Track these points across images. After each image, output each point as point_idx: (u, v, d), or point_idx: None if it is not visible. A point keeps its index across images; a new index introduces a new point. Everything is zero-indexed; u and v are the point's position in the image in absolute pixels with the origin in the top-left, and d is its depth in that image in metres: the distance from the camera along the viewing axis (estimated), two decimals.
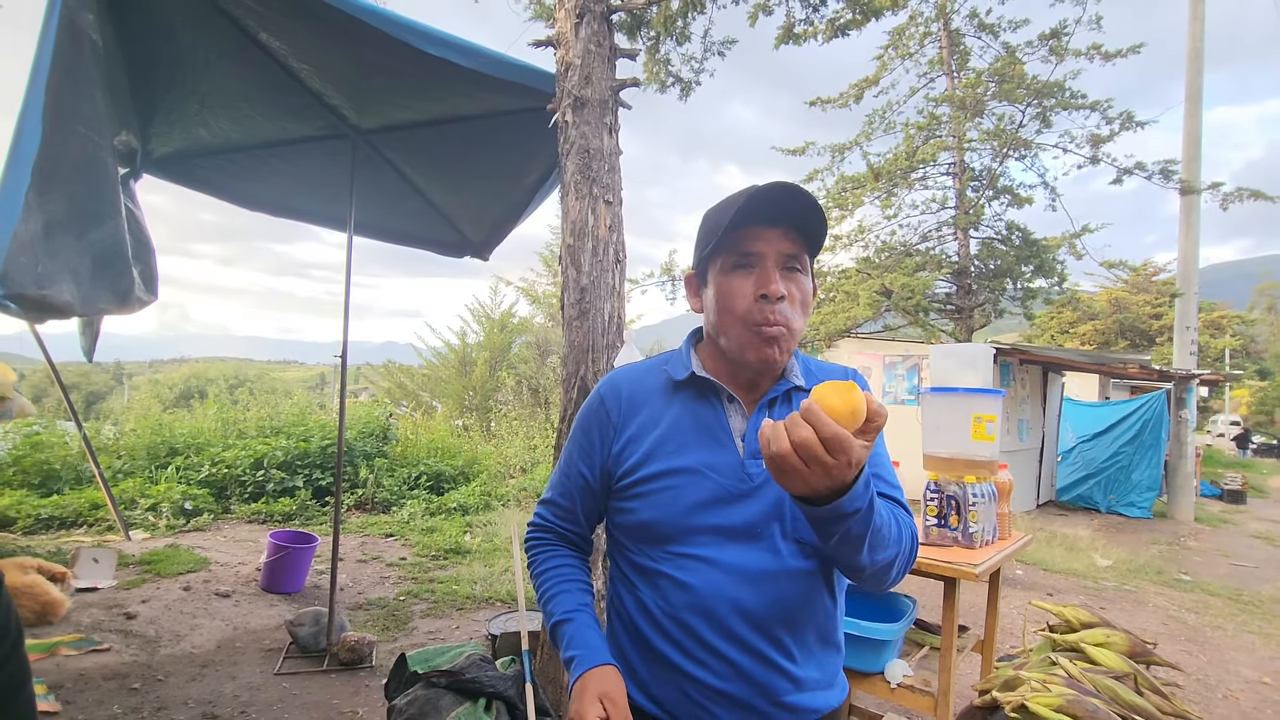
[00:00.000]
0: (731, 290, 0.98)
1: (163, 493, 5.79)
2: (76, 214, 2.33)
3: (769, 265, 0.97)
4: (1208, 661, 4.28)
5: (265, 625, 3.58)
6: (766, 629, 0.96)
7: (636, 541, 1.02)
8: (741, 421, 1.03)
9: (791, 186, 0.96)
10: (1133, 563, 6.96)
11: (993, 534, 2.34)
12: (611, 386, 1.10)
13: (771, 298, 0.95)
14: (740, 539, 0.96)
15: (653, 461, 1.00)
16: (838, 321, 9.15)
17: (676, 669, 0.97)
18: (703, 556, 0.96)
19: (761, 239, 0.97)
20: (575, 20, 2.69)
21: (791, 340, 0.99)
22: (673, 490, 0.98)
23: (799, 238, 0.98)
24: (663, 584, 0.98)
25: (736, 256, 0.98)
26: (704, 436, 1.01)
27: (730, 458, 0.99)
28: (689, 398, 1.04)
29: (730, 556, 0.96)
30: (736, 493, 0.97)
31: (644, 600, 1.00)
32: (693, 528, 0.97)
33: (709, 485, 0.97)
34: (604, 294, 2.56)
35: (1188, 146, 10.91)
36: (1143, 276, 27.64)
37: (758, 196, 0.95)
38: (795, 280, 0.99)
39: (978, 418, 2.32)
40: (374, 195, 3.82)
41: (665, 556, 0.98)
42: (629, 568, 1.04)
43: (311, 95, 3.10)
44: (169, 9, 2.48)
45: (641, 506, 1.00)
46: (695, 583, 0.96)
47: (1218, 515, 11.03)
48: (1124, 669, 2.19)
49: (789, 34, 6.08)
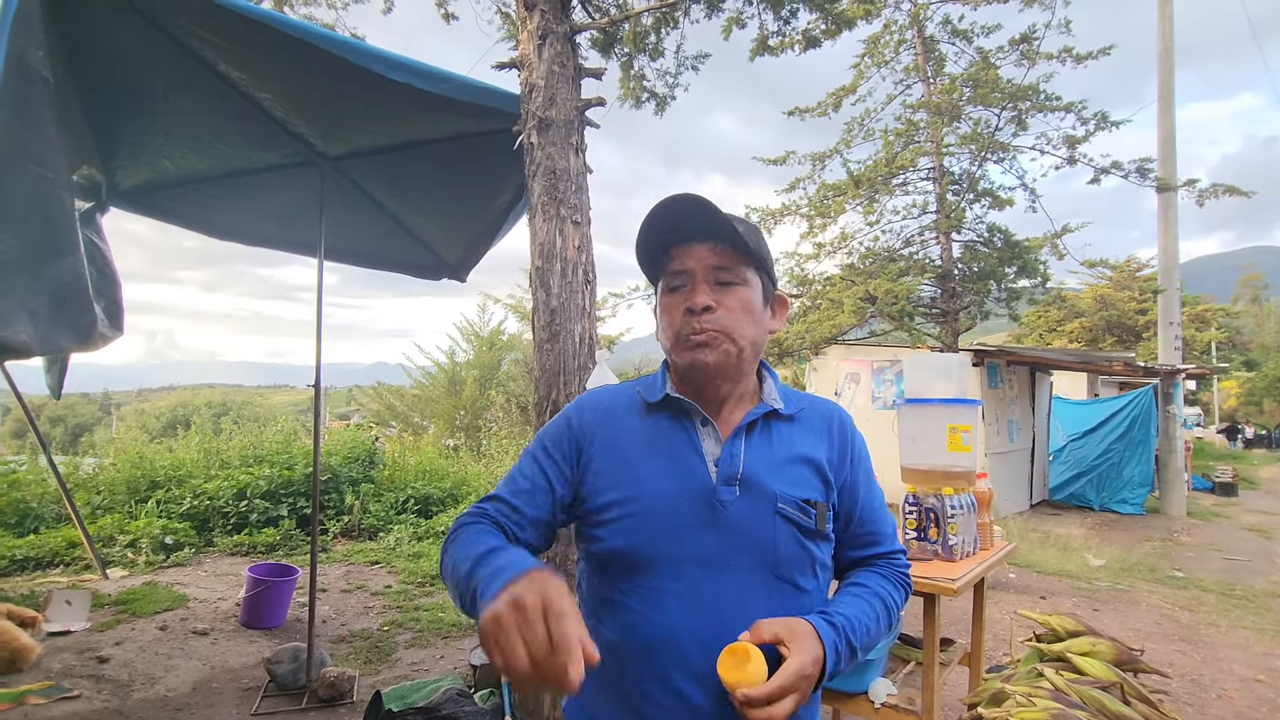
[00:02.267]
0: (667, 310, 1.01)
1: (142, 528, 5.68)
2: (30, 252, 2.29)
3: (697, 280, 0.97)
4: (1201, 660, 4.25)
5: (244, 663, 3.50)
6: None
7: (605, 572, 0.97)
8: (715, 445, 0.99)
9: (693, 199, 0.96)
10: (1126, 561, 6.96)
11: (973, 545, 2.31)
12: (580, 409, 1.07)
13: (695, 309, 0.96)
14: (711, 568, 0.92)
15: (620, 487, 0.97)
16: (823, 329, 9.17)
17: (635, 709, 0.92)
18: (670, 589, 0.92)
19: (689, 257, 0.98)
20: (538, 41, 2.68)
21: (730, 344, 0.96)
22: (641, 517, 0.94)
23: (728, 249, 0.98)
24: (629, 618, 0.93)
25: (669, 278, 1.01)
26: (676, 461, 0.97)
27: (702, 483, 0.95)
28: (662, 420, 1.02)
29: (699, 589, 0.92)
30: (708, 520, 0.94)
31: (606, 634, 0.95)
32: (662, 557, 0.93)
33: (678, 511, 0.94)
34: (574, 315, 2.53)
35: (1162, 144, 11.05)
36: (1126, 273, 27.95)
37: (667, 214, 0.97)
38: (731, 292, 0.98)
39: (953, 428, 2.30)
40: (345, 221, 3.79)
41: (633, 589, 0.94)
42: (595, 601, 1.00)
43: (276, 124, 3.08)
44: (120, 43, 2.45)
45: (610, 534, 0.95)
46: (662, 617, 0.91)
47: (1210, 509, 11.07)
48: (1110, 678, 2.16)
49: (763, 46, 6.11)
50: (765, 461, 0.98)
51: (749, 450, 0.99)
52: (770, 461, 0.99)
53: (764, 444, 1.00)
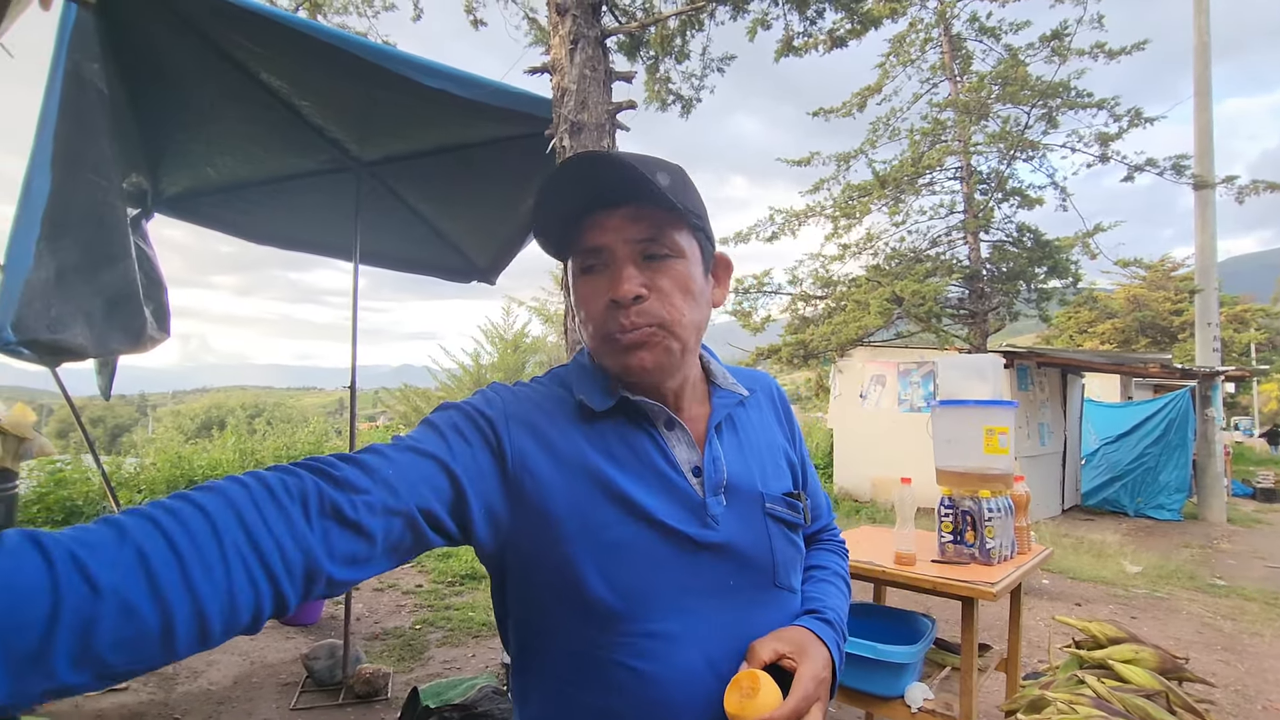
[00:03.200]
0: (584, 297, 0.78)
1: None
2: (88, 258, 2.38)
3: (619, 260, 0.75)
4: (1245, 671, 4.14)
5: (282, 659, 3.58)
6: None
7: (584, 626, 0.74)
8: (688, 450, 0.81)
9: (605, 156, 0.74)
10: (1163, 568, 6.78)
11: (1011, 549, 2.28)
12: (506, 399, 0.81)
13: (623, 300, 0.73)
14: (711, 599, 0.76)
15: (587, 517, 0.74)
16: (849, 331, 9.09)
17: None
18: (668, 633, 0.74)
19: (603, 229, 0.75)
20: (570, 46, 2.71)
21: (670, 339, 0.76)
22: (619, 551, 0.74)
23: (652, 212, 0.75)
24: (621, 680, 0.73)
25: (582, 256, 0.78)
26: (649, 474, 0.78)
27: (687, 498, 0.78)
28: (618, 427, 0.80)
29: (702, 626, 0.75)
30: (701, 541, 0.77)
31: (593, 704, 0.74)
32: (654, 595, 0.74)
33: (667, 536, 0.76)
34: None
35: (1199, 140, 10.78)
36: (1160, 273, 27.26)
37: (576, 175, 0.73)
38: (663, 269, 0.76)
39: (990, 430, 2.27)
40: (379, 225, 3.86)
41: (619, 640, 0.73)
42: (564, 663, 0.76)
43: (314, 130, 3.15)
44: (173, 54, 2.53)
45: (590, 578, 0.73)
46: (664, 672, 0.73)
47: (1251, 515, 10.75)
48: (1155, 686, 2.12)
49: (788, 47, 6.10)
50: (742, 461, 0.84)
51: (727, 450, 0.84)
52: (746, 460, 0.85)
53: (735, 441, 0.85)
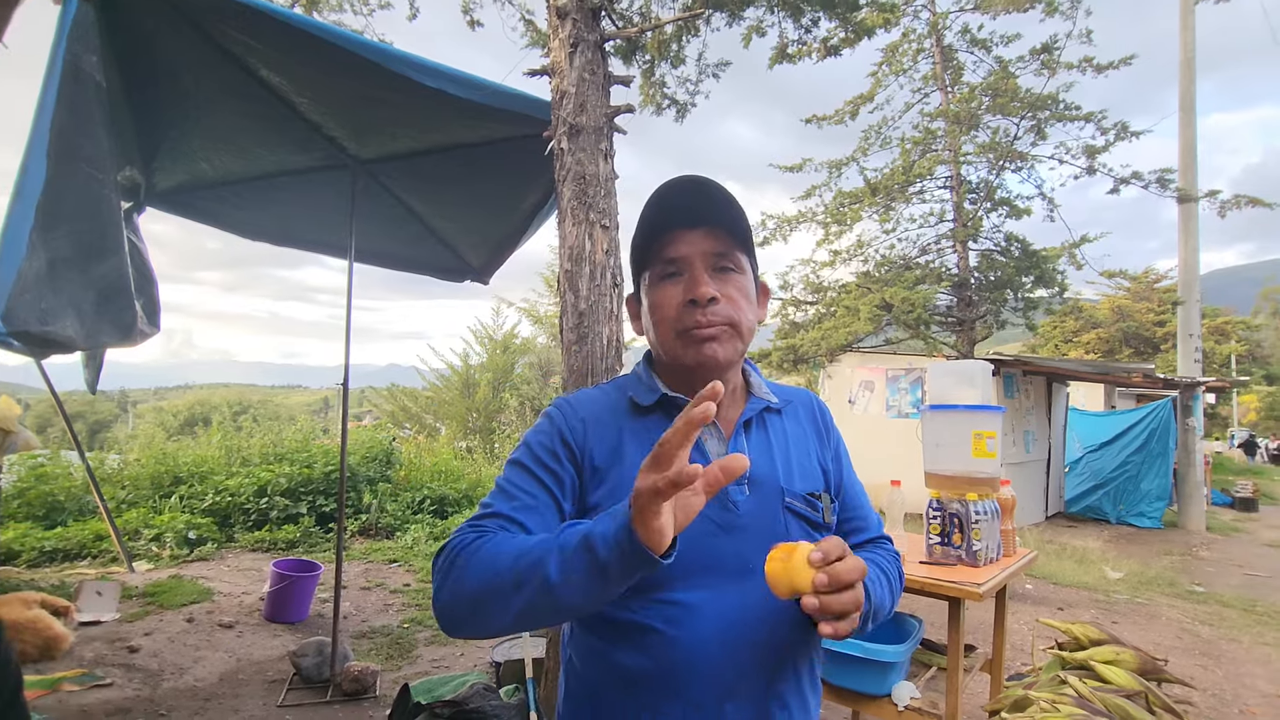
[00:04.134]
0: (662, 301, 0.92)
1: (166, 523, 5.78)
2: (80, 250, 2.36)
3: (696, 268, 0.91)
4: (1223, 676, 4.22)
5: (269, 656, 3.56)
6: (765, 677, 0.88)
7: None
8: (719, 445, 0.95)
9: (698, 181, 0.91)
10: (1144, 574, 6.89)
11: (997, 551, 2.32)
12: (566, 412, 0.96)
13: (700, 301, 0.89)
14: (732, 576, 0.87)
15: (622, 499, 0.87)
16: (839, 336, 9.16)
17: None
18: (691, 603, 0.86)
19: (683, 242, 0.91)
20: (569, 50, 2.73)
21: (737, 338, 0.92)
22: None
23: (725, 234, 0.92)
24: (649, 641, 0.85)
25: (662, 266, 0.93)
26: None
27: None
28: (658, 423, 0.95)
29: (721, 600, 0.86)
30: (723, 524, 0.89)
31: (623, 663, 0.87)
32: (680, 568, 0.82)
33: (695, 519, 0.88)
34: (602, 318, 2.58)
35: (1183, 154, 10.97)
36: (1144, 284, 27.66)
37: (668, 198, 0.91)
38: (730, 280, 0.92)
39: (978, 434, 2.31)
40: (374, 223, 3.86)
41: (648, 606, 0.86)
42: (603, 625, 0.90)
43: (311, 127, 3.15)
44: (172, 49, 2.53)
45: None
46: (688, 636, 0.85)
47: (1230, 523, 10.93)
48: (1135, 687, 2.16)
49: (782, 54, 6.16)
50: (768, 457, 0.96)
51: (752, 447, 0.96)
52: (772, 456, 0.97)
53: (763, 439, 0.98)
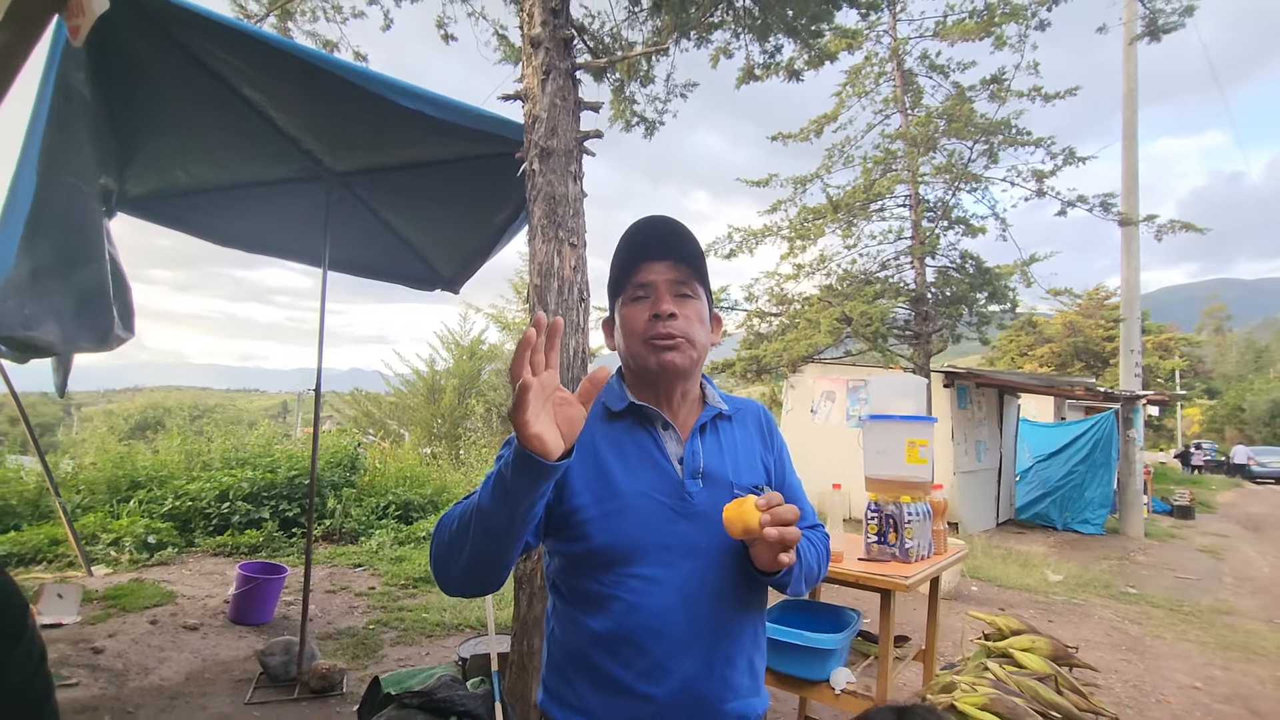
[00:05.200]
0: (632, 317, 1.11)
1: (125, 527, 5.72)
2: (62, 258, 2.44)
3: (661, 291, 1.09)
4: (1145, 669, 4.53)
5: (234, 656, 3.61)
6: (714, 641, 1.03)
7: (589, 569, 1.05)
8: (677, 445, 1.12)
9: (665, 223, 1.12)
10: (1083, 577, 7.27)
11: (928, 549, 2.54)
12: None
13: (663, 315, 1.07)
14: (687, 557, 1.04)
15: (599, 488, 1.06)
16: (800, 348, 9.45)
17: (631, 692, 1.01)
18: (652, 577, 1.02)
19: (650, 271, 1.10)
20: (542, 77, 2.90)
21: (692, 349, 1.10)
22: (622, 514, 1.04)
23: (684, 267, 1.11)
24: (616, 608, 1.02)
25: (633, 290, 1.12)
26: (645, 461, 1.09)
27: (670, 479, 1.08)
28: (627, 426, 1.12)
29: (677, 575, 1.03)
30: (680, 511, 1.06)
31: (595, 628, 1.04)
32: (641, 549, 1.03)
33: (654, 506, 1.05)
34: (569, 330, 2.74)
35: (1126, 180, 11.61)
36: (1095, 301, 28.89)
37: (639, 236, 1.12)
38: (687, 304, 1.10)
39: (911, 442, 2.53)
40: (348, 233, 3.95)
41: (616, 580, 1.03)
42: (577, 596, 1.07)
43: (288, 141, 3.25)
44: (156, 65, 2.62)
45: (593, 532, 1.04)
46: (649, 603, 1.01)
47: (1167, 530, 11.49)
48: (1046, 670, 2.39)
49: (749, 75, 6.41)
50: (718, 456, 1.13)
51: (706, 448, 1.13)
52: (722, 455, 1.14)
53: (714, 441, 1.15)
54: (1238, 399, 44.37)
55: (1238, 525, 13.18)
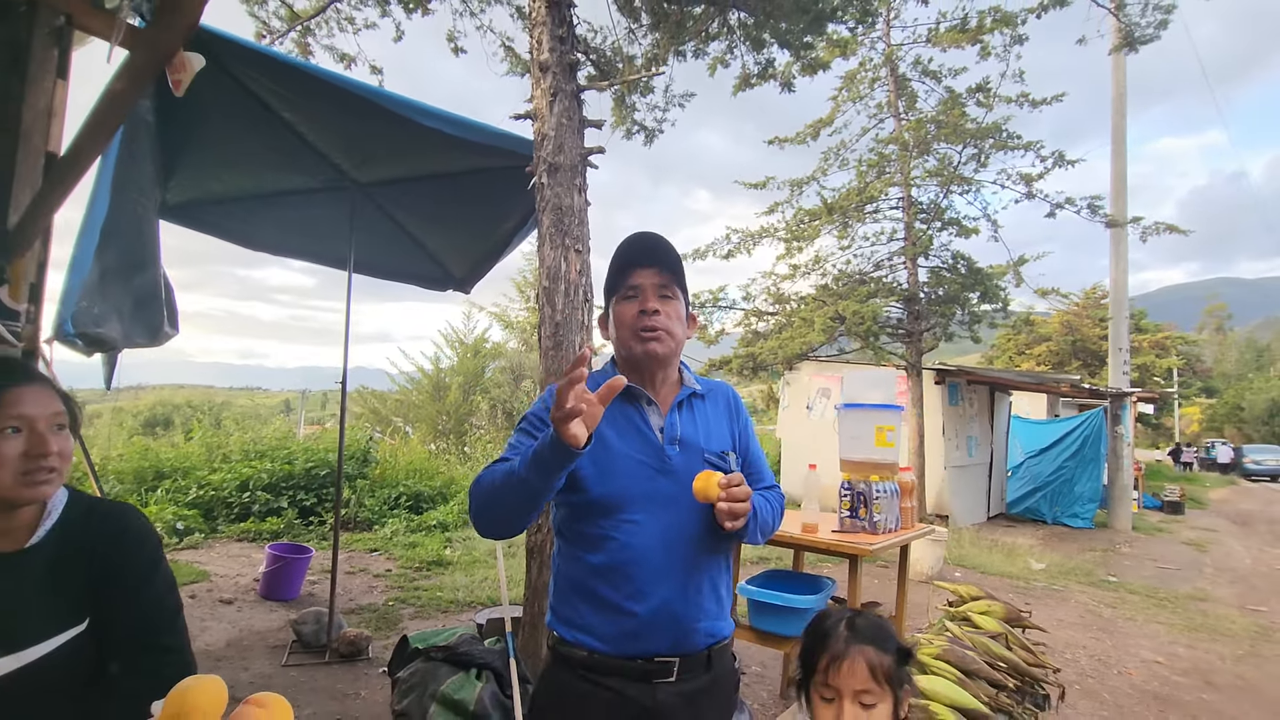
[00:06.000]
0: (624, 313, 1.37)
1: (155, 514, 6.05)
2: (125, 263, 2.76)
3: (647, 292, 1.35)
4: (1112, 646, 4.83)
5: (268, 627, 3.93)
6: (686, 573, 1.29)
7: (589, 514, 1.30)
8: (659, 418, 1.38)
9: (652, 237, 1.40)
10: (1064, 566, 7.56)
11: (895, 523, 2.85)
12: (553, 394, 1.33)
13: (649, 311, 1.33)
14: (666, 507, 1.30)
15: (598, 451, 1.28)
16: (794, 346, 9.74)
17: (620, 610, 1.26)
18: (639, 521, 1.29)
19: (639, 275, 1.36)
20: (550, 98, 3.21)
21: (671, 340, 1.35)
22: (615, 473, 1.30)
23: (666, 273, 1.36)
24: (609, 545, 1.28)
25: (624, 290, 1.37)
26: (633, 431, 1.35)
27: (653, 445, 1.34)
28: (618, 402, 1.35)
29: (659, 520, 1.29)
30: (661, 470, 1.32)
31: (592, 561, 1.29)
32: (629, 499, 1.29)
33: (641, 467, 1.32)
34: (574, 329, 3.05)
35: (1115, 182, 11.90)
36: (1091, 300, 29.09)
37: (631, 247, 1.39)
38: (669, 304, 1.36)
39: (880, 428, 2.84)
40: (369, 238, 4.26)
41: (611, 524, 1.28)
42: (578, 538, 1.33)
43: (318, 155, 3.55)
44: (208, 91, 2.92)
45: (593, 486, 1.29)
46: (635, 542, 1.27)
47: (1155, 525, 11.76)
48: (999, 630, 2.69)
49: (746, 83, 6.71)
50: (693, 427, 1.39)
51: (682, 420, 1.38)
52: (696, 427, 1.39)
53: (689, 415, 1.41)
54: (1237, 398, 44.59)
55: (1227, 520, 13.45)
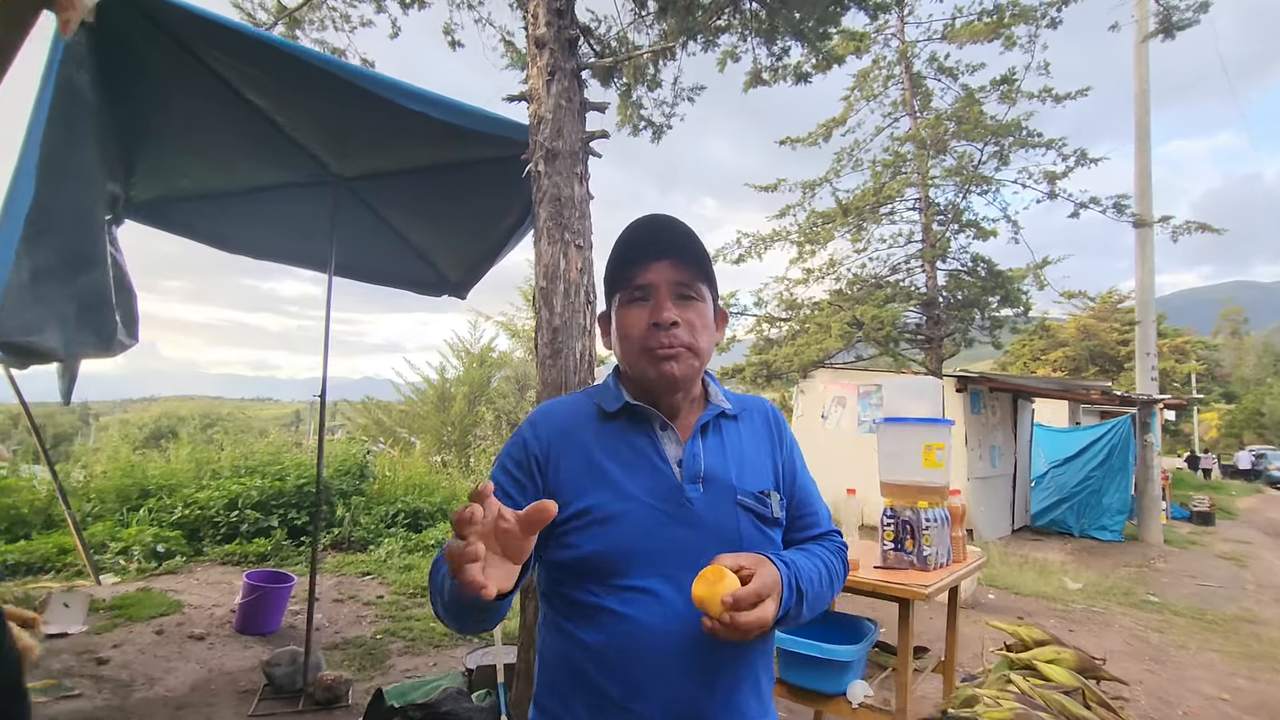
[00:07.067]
0: (629, 322, 1.03)
1: (134, 536, 5.72)
2: (64, 262, 2.42)
3: (661, 295, 1.02)
4: (1169, 679, 4.40)
5: (240, 666, 3.56)
6: (716, 660, 0.94)
7: (579, 578, 0.97)
8: (676, 448, 1.04)
9: (666, 219, 1.04)
10: (1101, 585, 7.12)
11: (946, 556, 2.46)
12: (535, 424, 1.07)
13: (664, 324, 0.99)
14: (684, 567, 0.92)
15: (591, 493, 0.98)
16: (811, 353, 9.37)
17: (623, 709, 0.93)
18: (648, 588, 0.94)
19: (651, 271, 1.02)
20: (547, 77, 2.86)
21: (694, 359, 1.02)
22: (615, 521, 0.96)
23: (687, 266, 1.03)
24: (607, 621, 0.94)
25: (631, 290, 1.04)
26: (641, 464, 1.01)
27: (668, 483, 0.99)
28: (622, 427, 1.04)
29: (672, 585, 0.94)
30: (678, 518, 0.97)
31: (586, 640, 0.96)
32: (637, 558, 0.95)
33: (650, 512, 0.97)
34: (575, 334, 2.69)
35: (1139, 181, 11.46)
36: (1109, 304, 28.57)
37: (640, 232, 1.04)
38: (691, 307, 1.03)
39: (928, 446, 2.45)
40: (354, 238, 3.93)
41: (609, 591, 0.95)
42: (568, 607, 0.99)
43: (294, 145, 3.23)
44: (161, 68, 2.60)
45: (583, 540, 0.96)
46: (643, 617, 0.93)
47: (1186, 537, 11.28)
48: (1073, 684, 2.30)
49: (757, 79, 6.37)
50: (721, 458, 1.04)
51: (707, 449, 1.04)
52: (725, 458, 1.05)
53: (717, 442, 1.06)
54: (1257, 403, 43.71)
55: (1259, 532, 12.93)
